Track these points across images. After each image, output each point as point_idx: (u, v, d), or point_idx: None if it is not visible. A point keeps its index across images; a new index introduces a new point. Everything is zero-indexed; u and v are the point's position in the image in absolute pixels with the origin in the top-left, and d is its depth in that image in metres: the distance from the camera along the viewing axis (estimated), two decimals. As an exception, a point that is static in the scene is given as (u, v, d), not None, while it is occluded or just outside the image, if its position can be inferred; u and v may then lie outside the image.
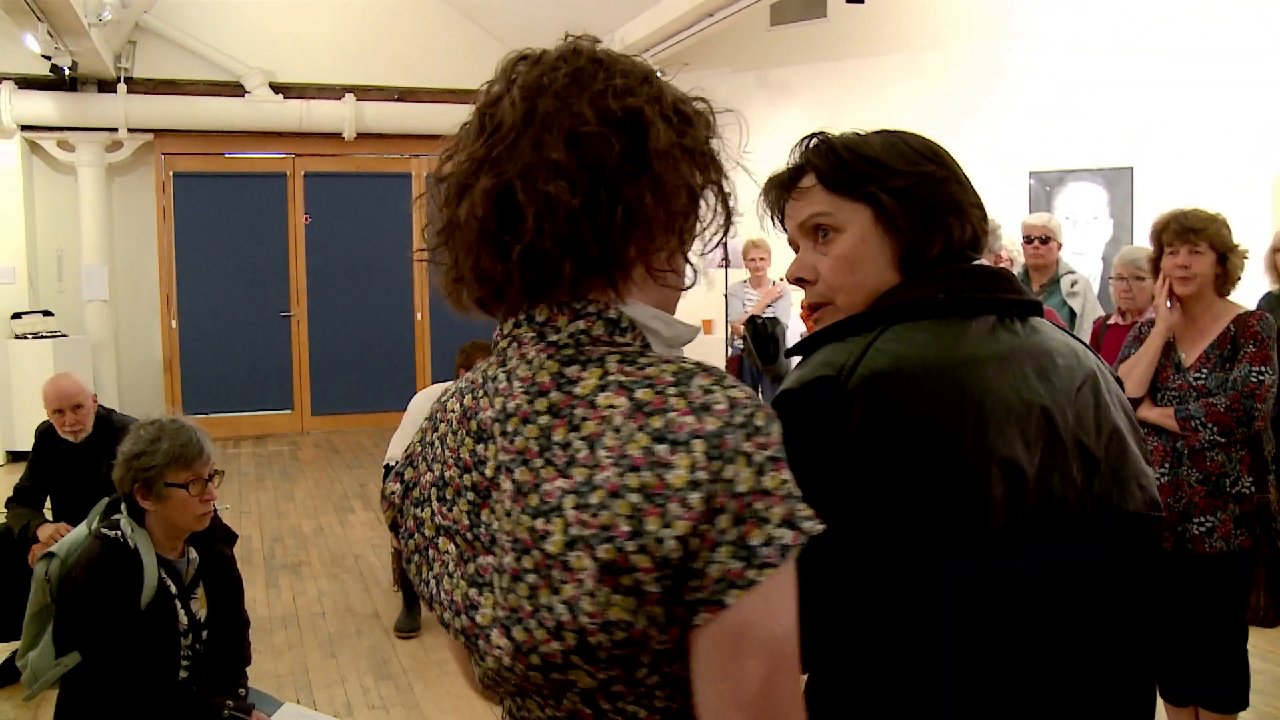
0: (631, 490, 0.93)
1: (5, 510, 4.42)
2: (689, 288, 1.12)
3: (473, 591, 1.05)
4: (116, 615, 2.68)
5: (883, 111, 8.75)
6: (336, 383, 10.59)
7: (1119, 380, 1.42)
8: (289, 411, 10.59)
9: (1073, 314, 5.16)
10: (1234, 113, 7.19)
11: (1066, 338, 1.37)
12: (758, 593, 0.93)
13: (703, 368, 1.00)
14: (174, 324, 10.17)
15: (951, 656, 1.21)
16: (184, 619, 2.84)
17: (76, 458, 4.28)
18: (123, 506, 2.83)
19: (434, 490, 1.11)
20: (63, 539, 3.03)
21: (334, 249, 10.52)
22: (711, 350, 9.13)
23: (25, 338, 9.09)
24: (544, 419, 1.00)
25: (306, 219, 10.52)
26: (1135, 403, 3.35)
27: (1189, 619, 3.21)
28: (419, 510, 1.13)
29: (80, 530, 2.96)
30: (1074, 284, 5.24)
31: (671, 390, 0.97)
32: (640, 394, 0.97)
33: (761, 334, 7.57)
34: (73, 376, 4.40)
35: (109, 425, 4.31)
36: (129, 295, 10.08)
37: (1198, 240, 3.27)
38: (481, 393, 1.08)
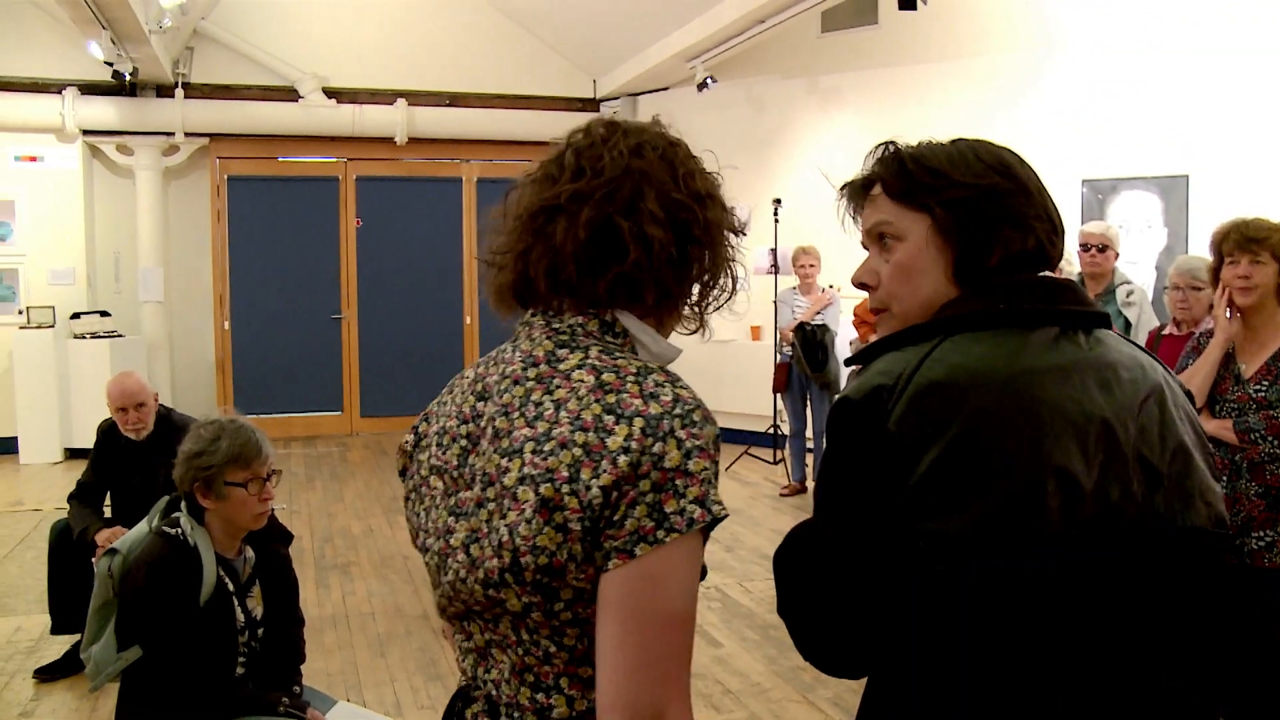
0: (577, 445, 1.16)
1: (67, 506, 4.51)
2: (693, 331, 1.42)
3: (451, 519, 1.27)
4: (176, 611, 2.73)
5: (933, 118, 8.69)
6: (386, 385, 10.69)
7: (1189, 394, 1.41)
8: (339, 413, 10.71)
9: (1128, 324, 5.10)
10: (1294, 120, 7.07)
11: (1133, 350, 1.36)
12: (661, 552, 1.12)
13: (663, 370, 1.22)
14: (227, 325, 10.32)
15: (1001, 663, 1.22)
16: (241, 616, 2.89)
17: (137, 455, 4.36)
18: (183, 505, 2.89)
19: (435, 438, 1.33)
20: (124, 536, 3.09)
21: (385, 252, 10.63)
22: (760, 357, 9.12)
23: (84, 338, 9.27)
24: (530, 383, 1.24)
25: (358, 222, 10.63)
26: (1193, 414, 3.30)
27: (1246, 635, 3.16)
28: (421, 455, 1.35)
29: (141, 527, 3.02)
30: (1130, 294, 5.18)
31: (630, 378, 1.20)
32: (606, 376, 1.20)
33: (810, 341, 7.54)
34: (136, 375, 4.48)
35: (169, 424, 4.39)
36: (183, 297, 10.25)
37: (1259, 250, 3.22)
38: (493, 363, 1.32)
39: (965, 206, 1.35)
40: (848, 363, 1.43)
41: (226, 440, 2.82)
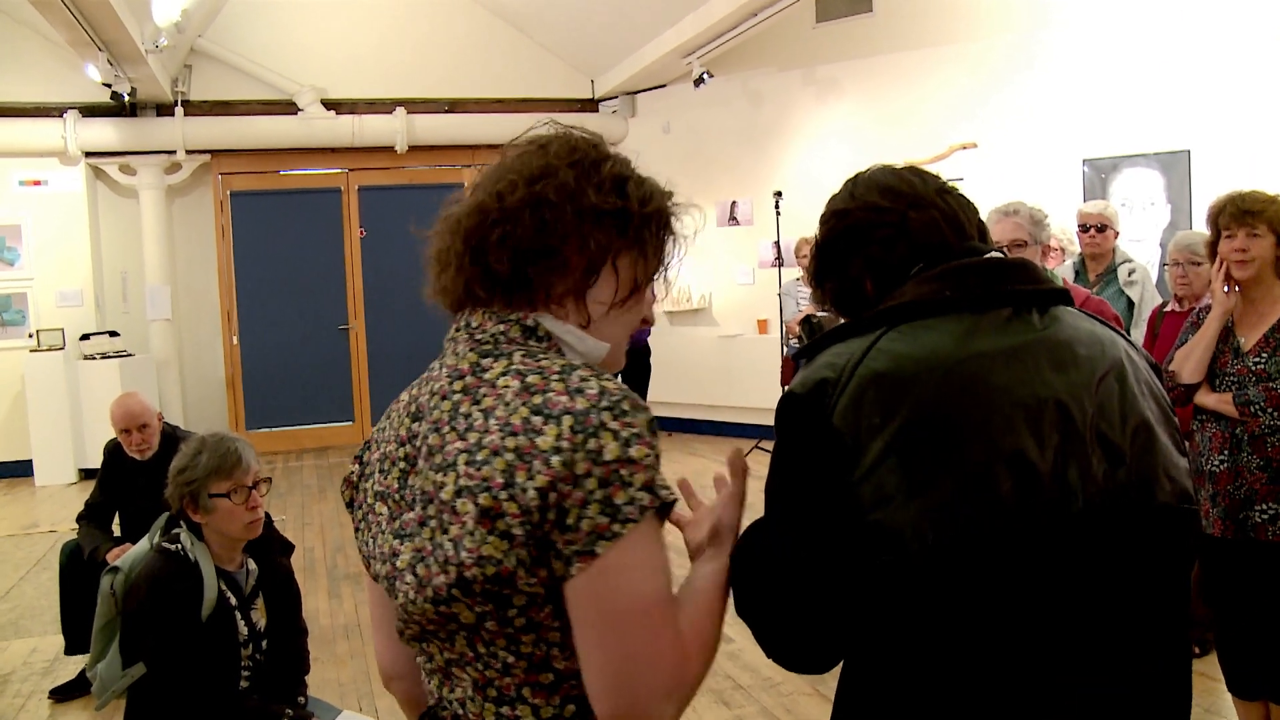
0: (509, 450, 1.14)
1: (77, 526, 4.53)
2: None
3: (396, 542, 1.26)
4: (178, 627, 2.75)
5: (931, 104, 8.67)
6: (396, 394, 10.51)
7: (1156, 367, 1.39)
8: (350, 423, 10.73)
9: (1131, 303, 5.06)
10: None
11: (1092, 326, 1.35)
12: (621, 545, 1.11)
13: (588, 367, 1.21)
14: (235, 340, 10.36)
15: (963, 649, 1.21)
16: (244, 629, 2.90)
17: (143, 475, 4.37)
18: (182, 521, 2.90)
19: (377, 464, 1.34)
20: (126, 554, 3.11)
21: (389, 261, 10.64)
22: (768, 350, 9.11)
23: (94, 358, 9.32)
24: (457, 396, 1.24)
25: (361, 232, 10.66)
26: (1193, 389, 3.28)
27: (1255, 609, 3.14)
28: (366, 483, 1.35)
29: (142, 545, 3.04)
30: (1132, 273, 5.14)
31: (554, 377, 1.19)
32: (530, 378, 1.19)
33: (817, 333, 7.51)
34: (138, 396, 4.49)
35: (174, 442, 4.38)
36: (191, 314, 10.30)
37: (1256, 223, 3.20)
38: (424, 382, 1.33)
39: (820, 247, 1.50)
40: (794, 356, 1.45)
41: (206, 453, 2.84)
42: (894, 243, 1.38)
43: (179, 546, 2.84)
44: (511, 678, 1.21)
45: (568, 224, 1.26)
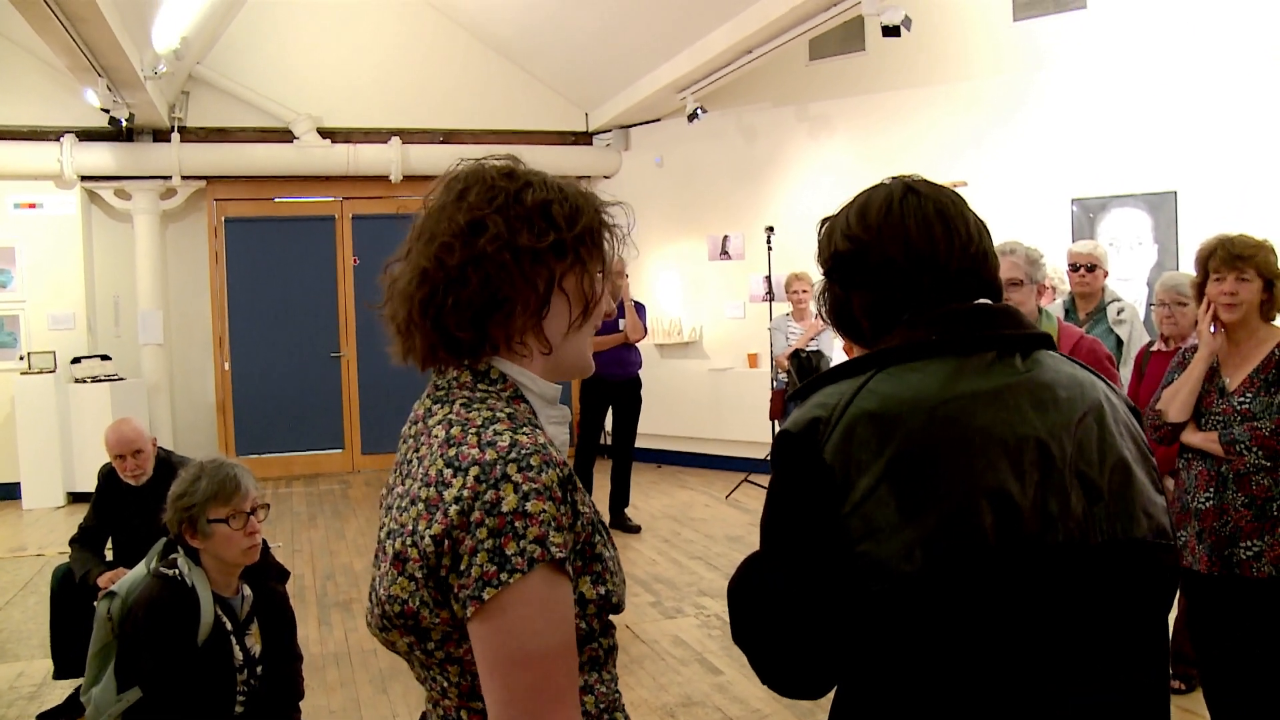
0: (421, 500, 1.23)
1: (69, 550, 4.53)
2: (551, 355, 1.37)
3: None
4: (175, 651, 2.76)
5: (922, 143, 8.77)
6: (386, 422, 10.69)
7: (1134, 410, 1.45)
8: (340, 451, 10.73)
9: (1120, 342, 5.12)
10: (1279, 135, 7.12)
11: (1073, 369, 1.41)
12: (508, 594, 1.15)
13: (511, 419, 1.26)
14: (226, 366, 10.36)
15: (948, 676, 1.26)
16: (239, 655, 2.91)
17: (137, 499, 4.37)
18: (180, 546, 2.92)
19: (395, 499, 1.35)
20: (123, 578, 3.12)
21: (382, 290, 10.65)
22: (757, 384, 9.15)
23: (85, 382, 9.31)
24: (410, 442, 1.35)
25: (355, 260, 10.69)
26: (1179, 427, 3.34)
27: (1241, 645, 3.18)
28: (384, 515, 1.37)
29: (140, 569, 3.05)
30: (1120, 312, 5.21)
31: (473, 430, 1.25)
32: (454, 430, 1.26)
33: (805, 368, 7.57)
34: (133, 422, 4.50)
35: (169, 467, 4.40)
36: (183, 338, 10.31)
37: (1245, 267, 3.26)
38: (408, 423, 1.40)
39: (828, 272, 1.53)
40: (789, 398, 1.52)
41: (205, 479, 2.87)
42: (895, 294, 1.43)
43: (176, 571, 2.86)
44: (450, 700, 1.31)
45: (510, 271, 1.30)
